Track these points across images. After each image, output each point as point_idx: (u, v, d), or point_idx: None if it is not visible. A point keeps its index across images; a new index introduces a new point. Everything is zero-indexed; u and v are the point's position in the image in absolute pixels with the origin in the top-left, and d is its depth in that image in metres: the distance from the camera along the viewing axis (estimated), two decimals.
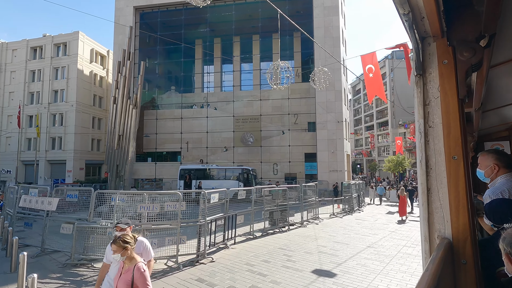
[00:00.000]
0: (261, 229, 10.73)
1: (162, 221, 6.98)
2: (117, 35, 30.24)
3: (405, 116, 56.11)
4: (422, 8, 1.28)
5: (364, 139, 70.13)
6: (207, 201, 7.81)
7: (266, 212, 10.85)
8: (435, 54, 1.52)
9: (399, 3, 1.23)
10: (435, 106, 1.53)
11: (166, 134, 30.88)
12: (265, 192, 10.89)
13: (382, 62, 63.44)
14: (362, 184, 23.37)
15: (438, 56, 1.51)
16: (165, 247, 6.92)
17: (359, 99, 75.12)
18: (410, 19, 1.30)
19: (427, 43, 1.54)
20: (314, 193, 13.85)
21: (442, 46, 1.50)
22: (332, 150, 25.38)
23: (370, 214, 16.74)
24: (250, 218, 10.37)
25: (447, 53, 1.49)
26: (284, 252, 8.34)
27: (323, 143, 25.93)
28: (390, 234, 11.05)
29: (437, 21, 1.32)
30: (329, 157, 25.54)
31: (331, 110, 25.76)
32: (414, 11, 1.32)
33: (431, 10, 1.24)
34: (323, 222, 13.55)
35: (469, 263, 1.42)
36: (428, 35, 1.51)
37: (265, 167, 28.61)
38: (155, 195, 7.24)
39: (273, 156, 28.56)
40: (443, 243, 1.40)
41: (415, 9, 1.31)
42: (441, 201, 1.49)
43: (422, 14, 1.34)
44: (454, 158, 1.46)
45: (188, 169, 24.53)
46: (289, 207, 12.22)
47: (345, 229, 12.06)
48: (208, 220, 7.59)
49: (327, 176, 25.07)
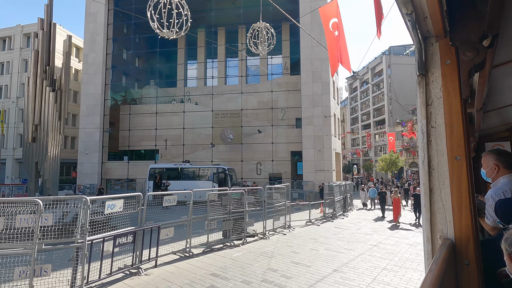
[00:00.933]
0: (205, 244, 8.42)
1: (10, 243, 4.67)
2: (88, 23, 27.92)
3: (403, 114, 53.82)
4: (425, 8, 1.29)
5: (360, 138, 67.77)
6: (108, 209, 5.55)
7: (213, 222, 8.53)
8: (437, 54, 1.54)
9: (402, 2, 1.23)
10: (437, 106, 1.54)
11: (144, 130, 28.55)
12: (210, 197, 8.56)
13: (379, 58, 61.04)
14: (351, 185, 21.08)
15: (441, 56, 1.53)
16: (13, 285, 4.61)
17: (355, 97, 72.71)
18: (413, 19, 1.30)
19: (429, 43, 1.56)
20: (283, 197, 11.54)
21: (445, 46, 1.51)
22: (319, 148, 23.06)
23: (355, 220, 14.42)
24: (186, 231, 8.04)
25: (450, 53, 1.50)
26: (213, 281, 6.03)
27: (309, 140, 23.61)
28: (370, 250, 8.73)
29: (440, 21, 1.34)
30: (315, 156, 23.22)
31: (317, 104, 23.45)
32: (417, 11, 1.32)
33: (434, 10, 1.25)
34: (293, 232, 11.23)
35: (471, 264, 1.43)
36: (431, 35, 1.54)
37: (248, 167, 26.32)
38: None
39: (257, 155, 26.25)
40: (446, 244, 1.42)
41: (418, 9, 1.32)
42: (444, 201, 1.51)
43: (425, 14, 1.35)
44: (457, 158, 1.47)
45: (158, 168, 22.24)
46: (248, 215, 9.93)
47: (317, 241, 9.75)
48: (95, 239, 5.28)
49: (313, 176, 22.74)
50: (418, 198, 12.89)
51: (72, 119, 33.18)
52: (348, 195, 18.41)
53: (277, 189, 11.46)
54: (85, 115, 26.99)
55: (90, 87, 27.10)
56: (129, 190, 25.06)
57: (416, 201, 13.00)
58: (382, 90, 58.89)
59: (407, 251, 8.67)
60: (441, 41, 1.49)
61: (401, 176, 51.44)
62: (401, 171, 51.90)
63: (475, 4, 1.34)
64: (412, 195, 13.58)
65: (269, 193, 10.88)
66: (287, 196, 12.10)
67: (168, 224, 7.44)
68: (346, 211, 17.09)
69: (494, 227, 1.84)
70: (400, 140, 51.73)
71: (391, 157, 25.38)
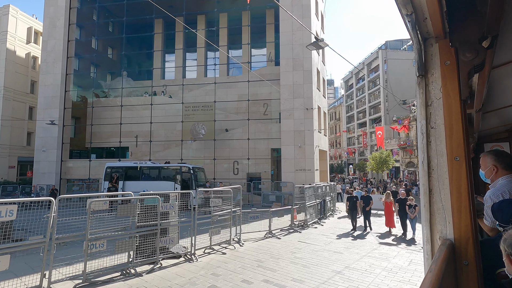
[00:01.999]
0: (79, 275, 5.73)
1: None
2: (48, 7, 25.21)
3: (400, 112, 51.19)
4: (425, 9, 1.29)
5: (356, 137, 65.06)
6: None
7: (98, 241, 5.86)
8: (437, 55, 1.54)
9: (402, 3, 1.23)
10: (437, 107, 1.54)
11: (113, 126, 25.76)
12: (94, 205, 5.88)
13: (375, 53, 58.28)
14: (333, 187, 18.43)
15: (440, 57, 1.53)
16: None
17: (351, 94, 69.97)
18: (413, 20, 1.30)
19: (429, 44, 1.56)
20: (228, 203, 8.86)
21: (445, 47, 1.51)
22: (299, 144, 20.38)
23: (329, 231, 11.74)
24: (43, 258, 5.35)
25: (450, 54, 1.50)
26: None
27: (288, 136, 20.92)
28: (328, 282, 6.07)
29: (440, 22, 1.34)
30: (296, 153, 20.54)
31: (298, 95, 20.78)
32: (417, 12, 1.32)
33: (434, 11, 1.25)
34: (238, 250, 8.57)
35: (471, 264, 1.44)
36: (431, 36, 1.54)
37: (224, 166, 23.64)
38: None
39: (234, 153, 23.54)
40: (445, 244, 1.42)
41: (418, 10, 1.32)
42: (443, 202, 1.51)
43: (425, 14, 1.35)
44: (456, 159, 1.48)
45: (115, 167, 19.55)
46: (169, 227, 7.29)
47: (260, 266, 7.08)
48: None
49: (293, 176, 20.04)
50: (403, 204, 10.14)
51: (29, 112, 30.31)
52: (328, 199, 15.76)
53: (217, 193, 8.75)
54: (43, 108, 24.28)
55: (49, 77, 24.39)
56: (90, 191, 22.36)
57: (401, 209, 10.24)
58: (378, 86, 56.20)
59: (381, 283, 6.01)
60: (440, 42, 1.52)
61: (397, 176, 48.88)
62: (398, 171, 49.30)
63: (474, 5, 1.35)
64: (396, 200, 10.79)
65: (200, 198, 8.19)
66: (238, 202, 9.46)
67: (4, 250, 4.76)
68: (325, 218, 14.44)
69: (492, 228, 1.86)
70: (396, 139, 49.13)
71: (381, 155, 22.11)
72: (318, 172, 21.58)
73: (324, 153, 25.21)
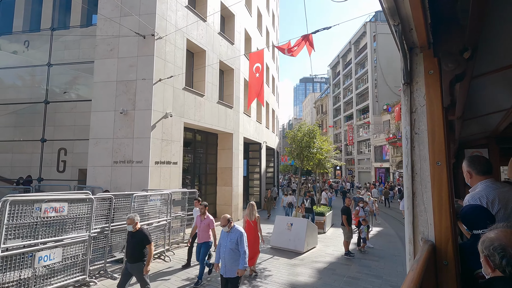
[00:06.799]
0: None
1: None
2: None
3: (391, 97, 40.04)
4: (411, 20, 1.34)
5: (343, 132, 53.88)
6: None
7: None
8: (421, 64, 1.59)
9: (390, 14, 1.29)
10: (421, 113, 1.58)
11: None
12: None
13: (362, 28, 47.09)
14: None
15: (424, 66, 1.57)
16: None
17: (338, 83, 58.75)
18: (399, 30, 1.36)
19: (414, 53, 1.61)
20: None
21: (429, 57, 1.56)
22: (122, 110, 9.68)
23: None
24: None
25: (433, 64, 1.55)
26: None
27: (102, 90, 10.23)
28: None
29: (424, 33, 1.39)
30: (116, 128, 9.83)
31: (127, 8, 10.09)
32: (403, 23, 1.38)
33: (419, 22, 1.30)
34: None
35: (450, 264, 1.48)
36: (416, 46, 1.58)
37: (45, 157, 13.14)
38: None
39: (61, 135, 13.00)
40: (427, 245, 1.45)
41: (404, 21, 1.37)
42: (425, 204, 1.54)
43: (411, 25, 1.39)
44: (438, 164, 1.51)
45: None
46: None
47: None
48: None
49: (109, 174, 9.32)
50: None
51: None
52: None
53: None
54: None
55: None
56: None
57: None
58: (366, 69, 45.11)
59: None
60: (425, 52, 1.57)
61: (387, 179, 37.68)
62: (387, 174, 38.06)
63: (457, 18, 1.41)
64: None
65: None
66: None
67: None
68: None
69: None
70: (385, 133, 37.95)
71: (320, 150, 11.32)
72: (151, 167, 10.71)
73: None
